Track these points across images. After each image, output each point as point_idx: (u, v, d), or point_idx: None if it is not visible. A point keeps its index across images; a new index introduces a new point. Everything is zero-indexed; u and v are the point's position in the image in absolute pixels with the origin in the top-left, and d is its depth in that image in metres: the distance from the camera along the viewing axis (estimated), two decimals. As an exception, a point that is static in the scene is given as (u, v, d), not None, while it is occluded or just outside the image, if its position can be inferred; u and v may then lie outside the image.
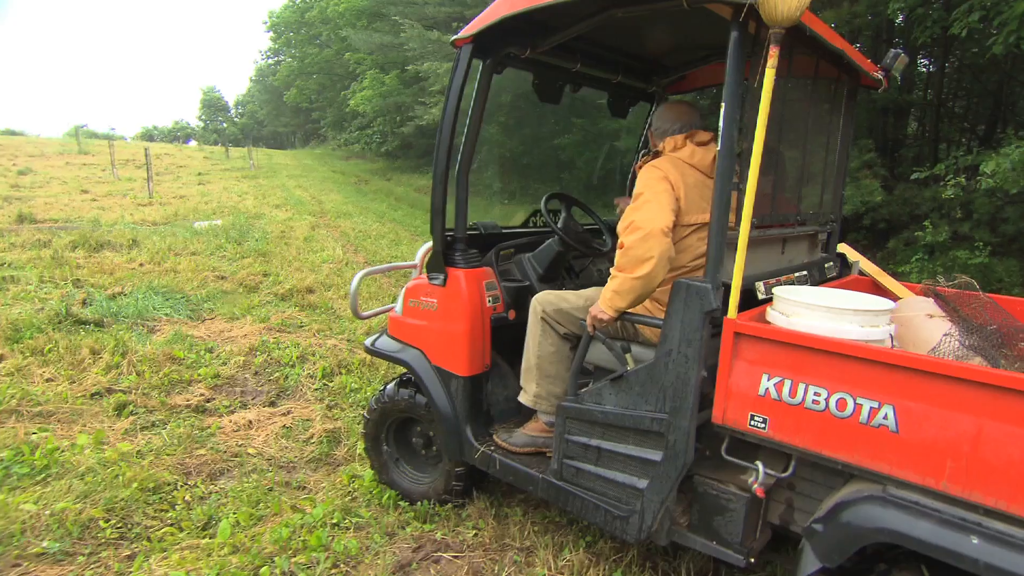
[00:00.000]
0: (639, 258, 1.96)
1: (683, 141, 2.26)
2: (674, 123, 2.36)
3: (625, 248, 2.00)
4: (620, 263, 2.01)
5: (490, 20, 2.17)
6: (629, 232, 2.01)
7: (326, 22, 31.71)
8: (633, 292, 2.00)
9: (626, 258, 1.99)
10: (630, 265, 1.98)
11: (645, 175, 2.15)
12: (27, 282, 6.29)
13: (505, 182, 15.98)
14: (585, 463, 2.16)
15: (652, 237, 1.95)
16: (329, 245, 9.74)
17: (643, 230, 1.97)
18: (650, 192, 2.07)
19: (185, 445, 3.40)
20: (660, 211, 2.01)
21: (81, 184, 17.08)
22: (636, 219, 2.01)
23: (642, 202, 2.05)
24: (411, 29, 15.84)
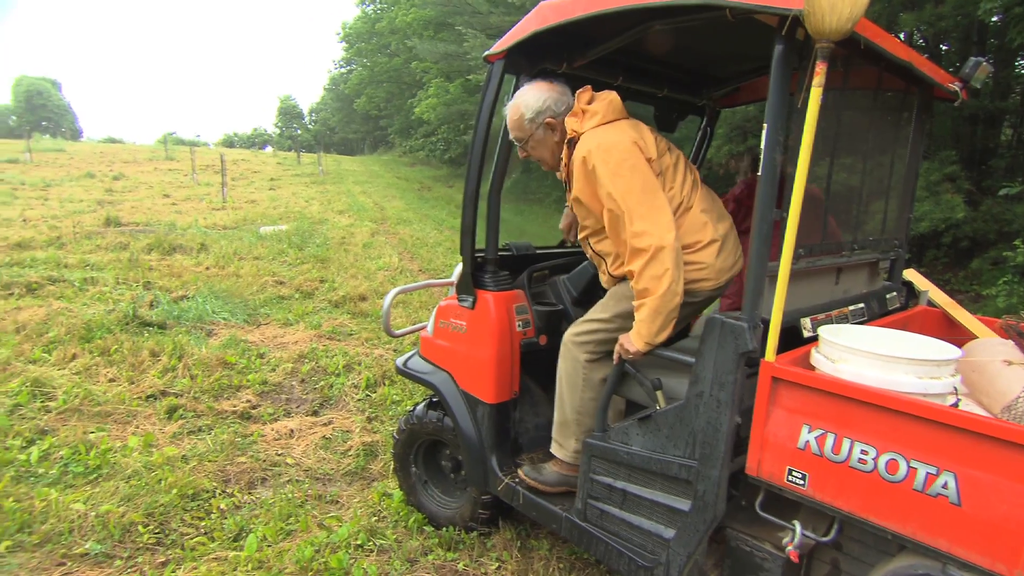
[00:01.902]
0: (654, 277, 1.84)
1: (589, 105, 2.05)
2: (563, 96, 2.10)
3: (636, 275, 1.87)
4: (640, 290, 1.89)
5: (521, 35, 2.09)
6: (634, 257, 1.87)
7: (395, 32, 32.55)
8: (662, 312, 1.86)
9: (641, 284, 1.87)
10: (649, 287, 1.86)
11: (608, 160, 1.88)
12: (104, 283, 6.65)
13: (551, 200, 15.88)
14: (610, 505, 2.03)
15: (661, 251, 1.83)
16: (386, 252, 9.90)
17: (647, 252, 1.84)
18: (630, 186, 1.86)
19: (227, 452, 3.46)
20: (656, 212, 1.86)
21: (164, 189, 18.12)
22: (636, 240, 1.86)
23: (632, 210, 1.85)
24: (474, 39, 15.99)
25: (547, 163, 2.16)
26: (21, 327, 4.92)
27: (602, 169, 1.90)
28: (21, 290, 6.10)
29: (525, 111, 2.05)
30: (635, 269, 1.88)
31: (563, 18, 1.93)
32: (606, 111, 2.02)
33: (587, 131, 1.98)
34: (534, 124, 2.06)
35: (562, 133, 2.07)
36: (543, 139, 2.10)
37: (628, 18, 1.92)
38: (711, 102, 3.09)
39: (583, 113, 2.02)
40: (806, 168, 1.51)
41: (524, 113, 2.05)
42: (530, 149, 2.14)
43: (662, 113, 3.10)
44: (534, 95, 2.05)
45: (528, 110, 2.05)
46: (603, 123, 1.99)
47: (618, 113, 2.04)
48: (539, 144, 2.11)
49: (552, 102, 2.05)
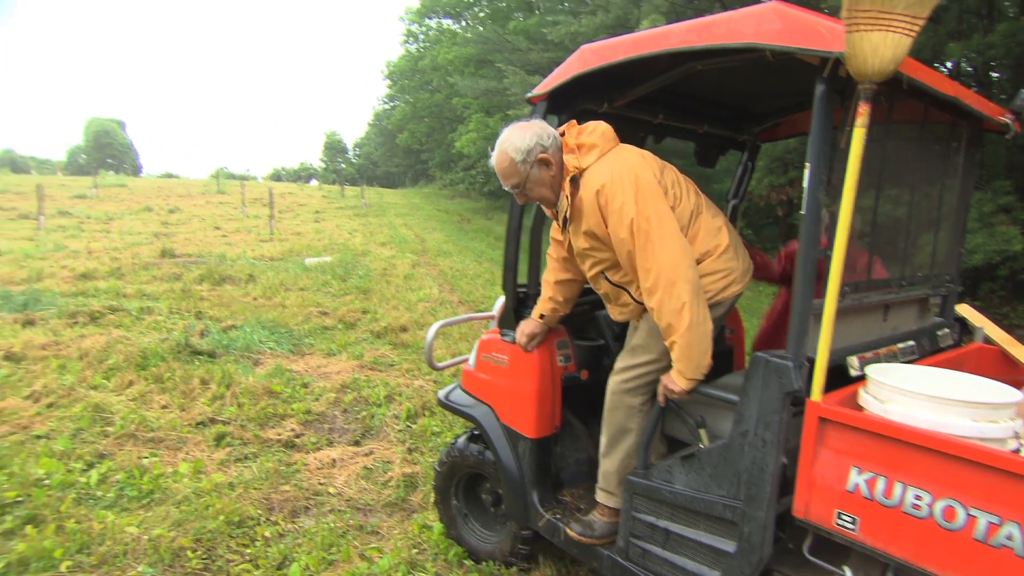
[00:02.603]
0: (675, 311, 1.83)
1: (583, 138, 2.01)
2: (545, 130, 2.03)
3: (657, 312, 1.87)
4: (664, 328, 1.88)
5: (563, 78, 2.15)
6: (649, 295, 1.87)
7: (437, 69, 33.50)
8: (694, 345, 1.84)
9: (664, 320, 1.86)
10: (672, 323, 1.84)
11: (625, 192, 1.86)
12: (159, 312, 6.94)
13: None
14: (652, 545, 2.00)
15: (674, 285, 1.82)
16: (427, 284, 10.05)
17: (661, 288, 1.83)
18: (646, 214, 1.84)
19: (272, 480, 3.53)
20: (670, 245, 1.84)
21: (216, 221, 18.86)
22: (649, 281, 1.85)
23: (647, 245, 1.84)
24: (514, 75, 16.33)
25: (548, 200, 2.08)
26: (84, 354, 5.17)
27: (618, 202, 1.87)
28: (85, 318, 6.42)
29: (514, 154, 1.97)
30: (653, 305, 1.88)
31: (605, 61, 1.98)
32: (602, 142, 1.99)
33: (591, 166, 1.95)
34: (527, 164, 1.98)
35: (558, 166, 2.01)
36: (539, 178, 2.01)
37: (670, 60, 1.97)
38: (752, 137, 3.10)
39: (579, 148, 1.99)
40: (851, 207, 1.51)
41: (513, 156, 1.98)
42: (529, 191, 2.05)
43: (702, 149, 3.13)
44: (518, 135, 1.99)
45: (517, 152, 1.97)
46: (603, 154, 1.97)
47: (613, 141, 2.02)
48: (536, 184, 2.02)
49: (538, 138, 1.98)
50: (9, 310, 6.64)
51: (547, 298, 2.37)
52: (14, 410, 4.06)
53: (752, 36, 1.62)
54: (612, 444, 2.19)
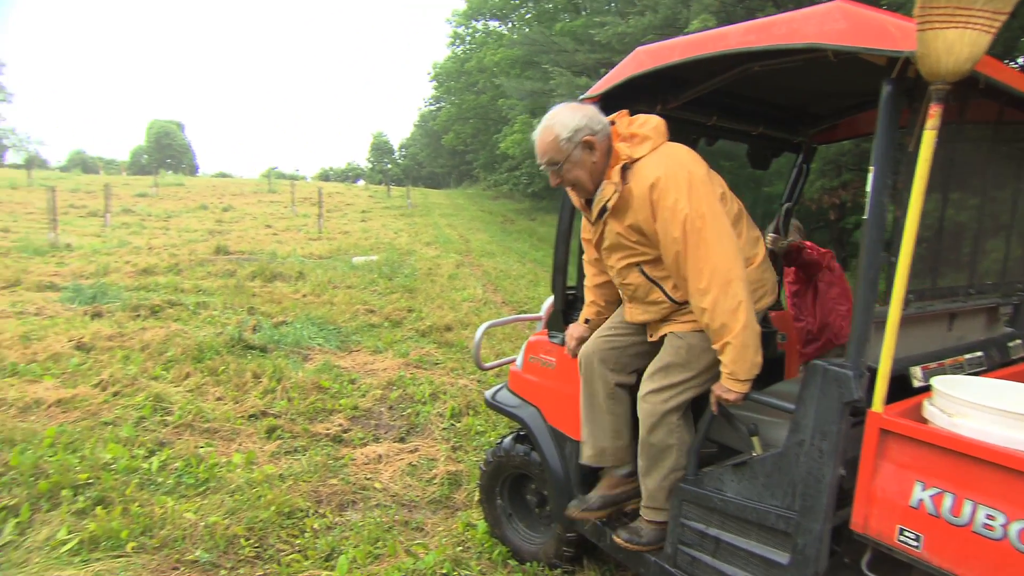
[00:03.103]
0: (730, 310, 1.79)
1: (636, 128, 1.96)
2: (598, 115, 1.97)
3: (711, 313, 1.80)
4: (717, 329, 1.81)
5: (616, 80, 2.14)
6: (702, 294, 1.81)
7: (483, 71, 33.74)
8: (750, 345, 1.80)
9: (719, 321, 1.80)
10: (728, 323, 1.79)
11: (679, 187, 1.82)
12: (214, 307, 7.20)
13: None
14: (702, 552, 1.97)
15: (730, 284, 1.79)
16: (471, 284, 10.13)
17: (716, 287, 1.79)
18: (700, 211, 1.80)
19: (320, 473, 3.62)
20: (725, 243, 1.81)
21: (267, 219, 19.45)
22: (703, 281, 1.80)
23: (700, 243, 1.80)
24: (560, 76, 16.30)
25: (583, 186, 2.00)
26: (146, 346, 5.40)
27: (671, 198, 1.83)
28: (146, 312, 6.71)
29: (561, 130, 1.92)
30: (706, 305, 1.81)
31: (660, 63, 1.97)
32: (655, 135, 1.94)
33: (644, 157, 1.90)
34: (571, 143, 1.91)
35: (603, 154, 1.95)
36: (581, 160, 1.94)
37: (726, 61, 1.94)
38: (807, 139, 3.02)
39: (632, 137, 1.94)
40: (918, 213, 1.46)
41: (559, 133, 1.92)
42: (565, 172, 1.97)
43: (756, 151, 3.06)
44: (568, 114, 1.94)
45: (564, 129, 1.91)
46: (655, 148, 1.92)
47: (664, 136, 1.97)
48: (576, 165, 1.95)
49: (588, 120, 1.92)
50: (80, 302, 7.00)
51: (590, 302, 2.36)
52: (85, 397, 4.28)
53: (815, 36, 1.58)
54: (654, 463, 2.13)
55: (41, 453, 3.39)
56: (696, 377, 2.03)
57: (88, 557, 2.68)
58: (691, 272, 1.84)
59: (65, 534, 2.78)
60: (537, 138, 1.99)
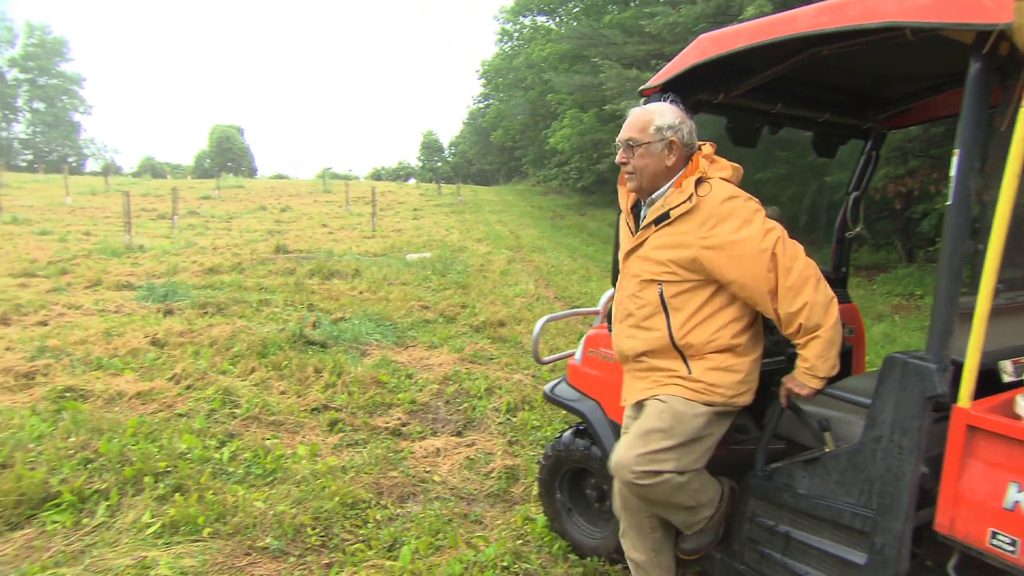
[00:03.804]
0: (824, 305, 1.81)
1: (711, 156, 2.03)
2: (694, 132, 2.04)
3: (808, 311, 1.80)
4: (810, 326, 1.81)
5: (679, 68, 2.10)
6: (796, 294, 1.81)
7: (531, 67, 33.70)
8: (835, 343, 1.82)
9: (815, 318, 1.80)
10: (821, 319, 1.81)
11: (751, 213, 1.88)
12: (276, 304, 7.45)
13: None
14: (771, 550, 1.92)
15: (820, 280, 1.84)
16: (523, 279, 10.16)
17: (809, 285, 1.81)
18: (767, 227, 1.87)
19: (381, 466, 3.70)
20: (802, 249, 1.88)
21: (322, 219, 19.99)
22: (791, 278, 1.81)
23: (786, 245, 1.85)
24: (610, 69, 16.12)
25: (642, 178, 2.01)
26: (213, 341, 5.64)
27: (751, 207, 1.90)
28: (213, 309, 7.01)
29: (658, 119, 1.97)
30: (802, 303, 1.81)
31: (724, 50, 1.92)
32: (735, 172, 2.02)
33: (718, 179, 1.96)
34: (660, 134, 1.95)
35: (677, 163, 1.99)
36: (658, 154, 1.97)
37: (793, 45, 1.88)
38: (877, 124, 2.89)
39: (713, 162, 2.00)
40: (1012, 197, 1.38)
41: (655, 120, 1.97)
42: (638, 156, 1.98)
43: (821, 139, 2.96)
44: (673, 112, 1.99)
45: (662, 118, 1.97)
46: (731, 180, 1.99)
47: (739, 181, 2.03)
48: (649, 155, 1.97)
49: (686, 127, 1.99)
50: (153, 300, 7.38)
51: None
52: (161, 390, 4.50)
53: (895, 14, 1.51)
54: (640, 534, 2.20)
55: (125, 442, 3.60)
56: (678, 447, 1.94)
57: (170, 540, 2.83)
58: (781, 272, 1.83)
59: (149, 518, 2.95)
60: (632, 115, 2.04)
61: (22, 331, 5.96)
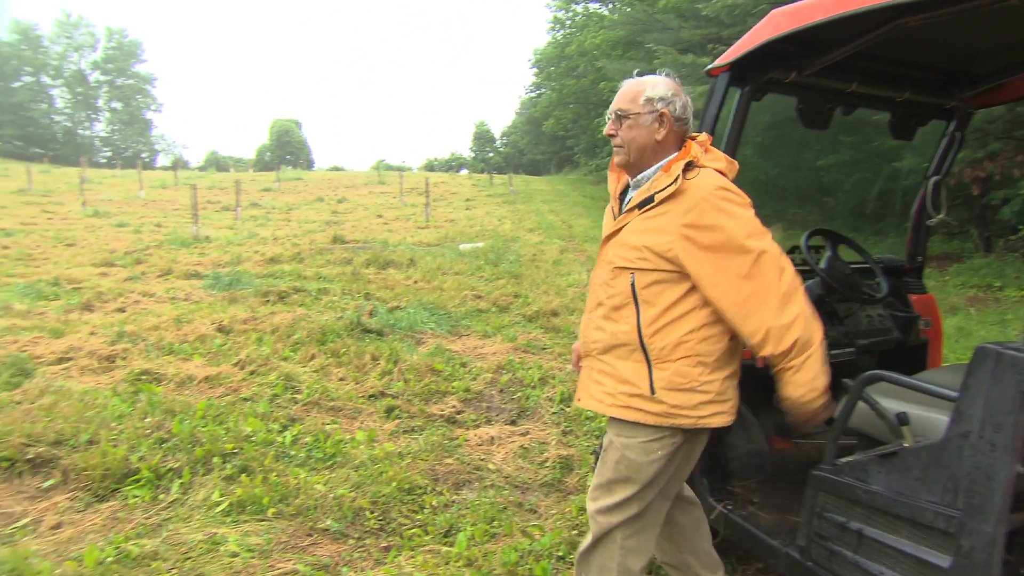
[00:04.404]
0: (814, 315, 1.72)
1: (707, 145, 1.88)
2: (687, 108, 1.86)
3: (800, 323, 1.67)
4: (801, 341, 1.66)
5: (751, 45, 2.01)
6: (789, 300, 1.67)
7: (583, 55, 33.29)
8: (822, 358, 1.72)
9: (807, 333, 1.67)
10: (817, 327, 1.71)
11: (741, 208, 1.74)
12: (334, 293, 7.65)
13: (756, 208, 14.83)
14: (842, 547, 1.84)
15: (802, 292, 1.72)
16: (575, 269, 10.09)
17: (802, 288, 1.71)
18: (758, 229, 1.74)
19: (436, 452, 3.75)
20: (783, 256, 1.73)
21: (378, 210, 20.37)
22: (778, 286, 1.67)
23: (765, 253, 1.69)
24: (664, 55, 15.76)
25: (629, 151, 1.88)
26: (275, 329, 5.83)
27: (741, 202, 1.76)
28: (275, 297, 7.25)
29: (649, 90, 1.82)
30: (791, 316, 1.66)
31: (800, 24, 1.82)
32: (727, 165, 1.85)
33: (710, 168, 1.79)
34: (650, 105, 1.81)
35: (667, 140, 1.84)
36: (647, 126, 1.83)
37: (877, 17, 1.77)
38: (963, 103, 2.70)
39: (706, 150, 1.84)
40: None
41: (646, 91, 1.82)
42: (626, 128, 1.85)
43: (900, 119, 2.79)
44: (665, 84, 1.84)
45: (653, 90, 1.82)
46: (721, 172, 1.81)
47: (733, 175, 1.88)
48: (638, 127, 1.83)
49: (679, 101, 1.83)
50: (219, 289, 7.69)
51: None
52: (227, 375, 4.69)
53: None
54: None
55: (195, 423, 3.76)
56: (642, 492, 1.84)
57: (237, 519, 2.94)
58: (771, 278, 1.68)
59: (218, 496, 3.07)
60: (623, 86, 1.89)
61: (103, 317, 6.32)
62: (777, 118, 12.44)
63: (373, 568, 2.69)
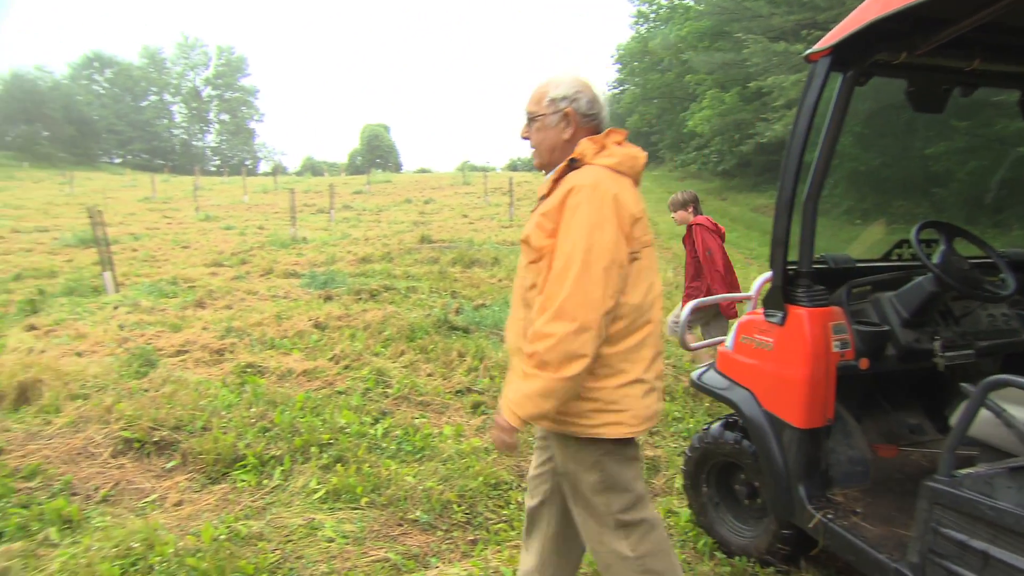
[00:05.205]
0: (571, 355, 1.55)
1: (604, 142, 1.74)
2: (595, 102, 1.78)
3: (553, 341, 1.55)
4: (542, 358, 1.57)
5: (856, 26, 1.88)
6: (556, 319, 1.56)
7: (668, 48, 32.48)
8: (557, 398, 1.59)
9: (553, 353, 1.55)
10: (557, 362, 1.56)
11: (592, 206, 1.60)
12: (422, 291, 7.87)
13: (857, 200, 13.90)
14: (962, 567, 1.69)
15: (588, 330, 1.55)
16: (661, 267, 9.83)
17: (578, 321, 1.54)
18: (589, 241, 1.57)
19: (521, 449, 3.77)
20: (605, 285, 1.57)
21: (462, 210, 20.75)
22: (567, 302, 1.55)
23: (576, 265, 1.56)
24: (755, 43, 15.11)
25: (541, 153, 1.86)
26: (367, 325, 6.08)
27: (582, 211, 1.61)
28: (366, 295, 7.56)
29: (552, 90, 1.79)
30: (554, 331, 1.56)
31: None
32: (624, 161, 1.74)
33: (595, 164, 1.71)
34: (554, 106, 1.78)
35: (580, 133, 1.80)
36: (552, 127, 1.80)
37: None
38: (1107, 75, 2.41)
39: (602, 147, 1.75)
40: None
41: (549, 91, 1.79)
42: (534, 130, 1.84)
43: (1030, 97, 2.53)
44: (569, 81, 1.80)
45: (556, 90, 1.79)
46: (613, 169, 1.71)
47: (634, 172, 1.78)
48: (545, 129, 1.81)
49: (583, 97, 1.78)
50: (315, 287, 8.11)
51: None
52: (323, 369, 4.94)
53: None
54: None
55: (295, 414, 3.99)
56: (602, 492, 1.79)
57: (333, 506, 3.09)
58: (559, 296, 1.59)
59: (315, 484, 3.24)
60: (532, 88, 1.86)
61: (213, 313, 6.82)
62: (880, 104, 11.60)
63: (461, 560, 2.74)
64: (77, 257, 10.89)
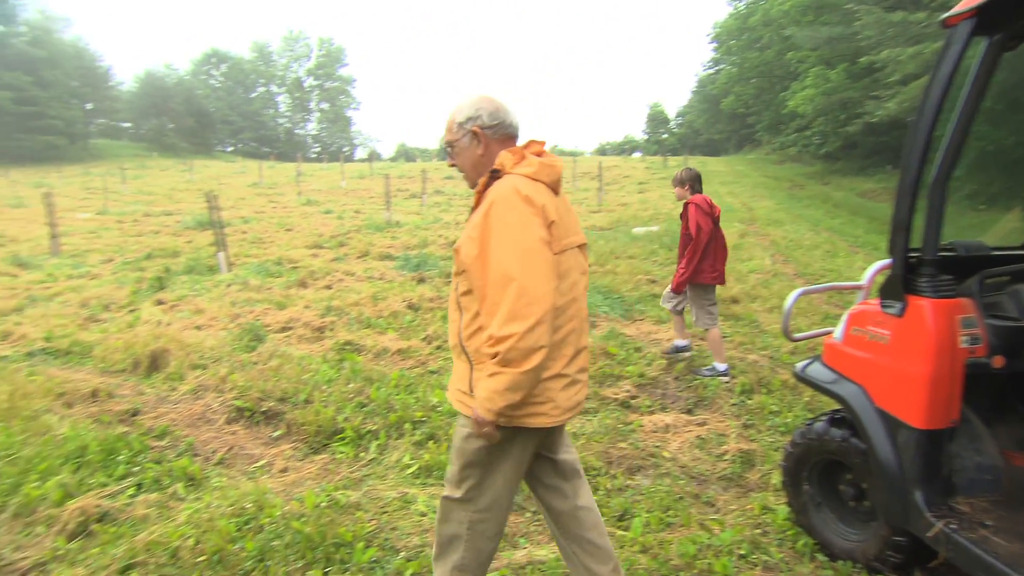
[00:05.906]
0: (530, 349, 1.65)
1: (523, 152, 1.86)
2: (499, 113, 1.91)
3: (513, 341, 1.63)
4: (505, 356, 1.65)
5: (999, -13, 1.69)
6: (511, 321, 1.64)
7: (768, 24, 30.77)
8: (523, 389, 1.69)
9: (515, 351, 1.64)
10: (519, 358, 1.65)
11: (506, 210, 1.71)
12: (509, 276, 7.92)
13: (984, 184, 12.60)
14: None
15: (542, 323, 1.65)
16: (757, 254, 9.43)
17: (532, 317, 1.64)
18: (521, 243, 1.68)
19: (610, 436, 3.74)
20: (546, 279, 1.68)
21: (550, 196, 20.69)
22: (516, 303, 1.64)
23: (516, 267, 1.66)
24: (868, 15, 13.98)
25: (467, 173, 2.00)
26: (457, 308, 6.21)
27: (507, 217, 1.72)
28: (456, 279, 7.71)
29: (457, 115, 1.95)
30: (513, 331, 1.63)
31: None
32: (541, 170, 1.83)
33: (514, 174, 1.81)
34: (462, 130, 1.93)
35: (487, 151, 1.92)
36: (467, 148, 1.95)
37: None
38: None
39: (521, 158, 1.86)
40: None
41: (455, 116, 1.95)
42: (455, 155, 1.99)
43: None
44: (469, 103, 1.95)
45: (460, 113, 1.94)
46: (531, 177, 1.81)
47: (551, 180, 1.85)
48: (462, 151, 1.96)
49: (485, 113, 1.91)
50: (408, 270, 8.38)
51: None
52: (416, 348, 5.11)
53: None
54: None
55: (389, 392, 4.15)
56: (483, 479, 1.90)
57: (425, 481, 3.20)
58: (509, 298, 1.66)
59: (408, 459, 3.36)
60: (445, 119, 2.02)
61: (314, 292, 7.21)
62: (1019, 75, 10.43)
63: (549, 542, 2.76)
64: (196, 238, 11.80)
